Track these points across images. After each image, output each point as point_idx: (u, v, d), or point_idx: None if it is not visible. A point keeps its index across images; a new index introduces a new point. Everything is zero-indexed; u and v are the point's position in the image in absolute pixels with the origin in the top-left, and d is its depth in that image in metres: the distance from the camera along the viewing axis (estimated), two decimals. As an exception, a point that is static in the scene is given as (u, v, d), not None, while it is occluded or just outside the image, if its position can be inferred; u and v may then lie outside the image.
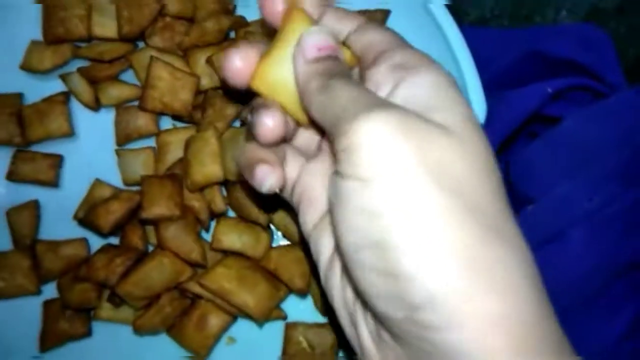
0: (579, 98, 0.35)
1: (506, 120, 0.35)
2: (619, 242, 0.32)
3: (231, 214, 0.38)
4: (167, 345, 0.38)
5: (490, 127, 0.36)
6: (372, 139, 0.19)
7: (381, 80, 0.23)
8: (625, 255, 0.32)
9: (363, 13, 0.38)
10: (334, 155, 0.21)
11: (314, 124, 0.25)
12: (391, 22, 0.39)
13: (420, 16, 0.37)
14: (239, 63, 0.25)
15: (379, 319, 0.21)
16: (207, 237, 0.38)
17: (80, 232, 0.39)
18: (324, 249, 0.25)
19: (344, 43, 0.26)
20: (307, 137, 0.29)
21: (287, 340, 0.37)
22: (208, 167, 0.35)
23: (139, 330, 0.36)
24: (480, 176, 0.20)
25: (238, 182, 0.36)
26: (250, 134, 0.26)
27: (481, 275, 0.19)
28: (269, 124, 0.25)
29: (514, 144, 0.37)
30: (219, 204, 0.37)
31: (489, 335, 0.19)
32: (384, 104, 0.21)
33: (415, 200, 0.19)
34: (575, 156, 0.33)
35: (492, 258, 0.19)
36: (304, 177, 0.27)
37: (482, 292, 0.19)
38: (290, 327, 0.37)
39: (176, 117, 0.40)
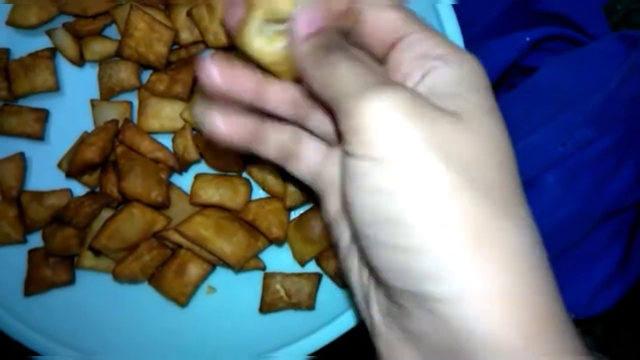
0: (558, 48, 0.35)
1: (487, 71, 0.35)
2: (591, 191, 0.32)
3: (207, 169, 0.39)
4: (148, 295, 0.38)
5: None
6: (381, 119, 0.20)
7: (409, 69, 0.23)
8: (599, 204, 0.32)
9: None
10: (340, 133, 0.22)
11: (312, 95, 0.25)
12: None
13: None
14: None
15: (390, 294, 0.22)
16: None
17: (65, 183, 0.39)
18: (344, 234, 0.26)
19: None
20: (328, 125, 0.28)
21: (265, 289, 0.37)
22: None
23: (118, 278, 0.37)
24: (489, 159, 0.20)
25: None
26: None
27: (488, 250, 0.19)
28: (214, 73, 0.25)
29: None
30: (192, 153, 0.37)
31: (494, 310, 0.19)
32: (390, 84, 0.21)
33: (426, 179, 0.19)
34: (550, 103, 0.32)
35: (499, 234, 0.19)
36: (327, 165, 0.28)
37: (488, 266, 0.19)
38: (268, 277, 0.38)
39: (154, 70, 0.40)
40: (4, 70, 0.40)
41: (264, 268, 0.38)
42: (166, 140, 0.39)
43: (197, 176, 0.38)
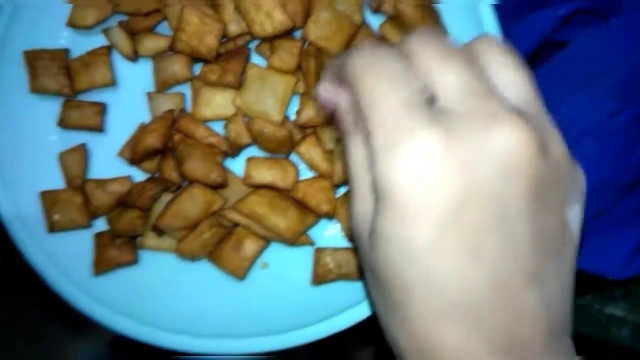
0: (588, 21, 0.36)
1: (519, 49, 0.37)
2: (620, 158, 0.33)
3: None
4: (208, 271, 0.41)
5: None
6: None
7: None
8: (627, 171, 0.34)
9: None
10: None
11: None
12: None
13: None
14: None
15: None
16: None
17: (125, 172, 0.42)
18: None
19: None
20: None
21: (316, 262, 0.40)
22: None
23: (180, 254, 0.40)
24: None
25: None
26: None
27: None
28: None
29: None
30: (244, 138, 0.40)
31: None
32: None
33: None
34: (580, 74, 0.34)
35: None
36: None
37: None
38: (318, 251, 0.40)
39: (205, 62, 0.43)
40: (65, 68, 0.43)
41: (313, 244, 0.41)
42: (218, 128, 0.42)
43: (249, 159, 0.40)
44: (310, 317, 0.39)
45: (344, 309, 0.38)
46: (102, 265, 0.40)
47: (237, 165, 0.42)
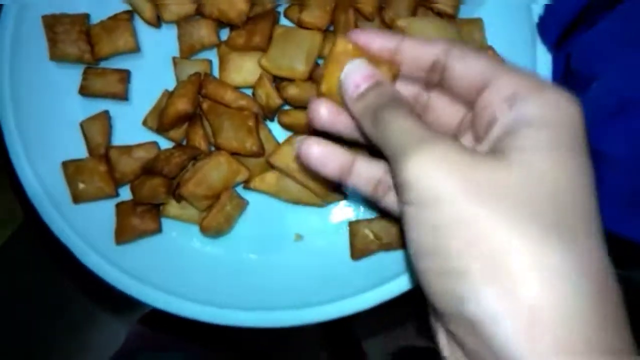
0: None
1: (564, 6, 0.35)
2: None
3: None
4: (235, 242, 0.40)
5: (548, 15, 0.36)
6: (419, 174, 0.22)
7: (495, 111, 0.24)
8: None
9: (461, 21, 0.39)
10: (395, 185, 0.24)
11: None
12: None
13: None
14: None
15: (444, 322, 0.23)
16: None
17: (151, 137, 0.41)
18: None
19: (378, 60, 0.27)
20: None
21: (354, 235, 0.38)
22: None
23: (207, 231, 0.38)
24: (532, 191, 0.21)
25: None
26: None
27: (526, 273, 0.20)
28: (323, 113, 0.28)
29: (572, 36, 0.37)
30: (275, 99, 0.38)
31: (532, 330, 0.20)
32: (430, 139, 0.23)
33: (458, 216, 0.21)
34: (632, 33, 0.32)
35: (535, 263, 0.20)
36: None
37: (523, 285, 0.20)
38: (353, 224, 0.38)
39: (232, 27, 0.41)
40: (85, 34, 0.41)
41: (345, 196, 0.39)
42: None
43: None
44: (348, 289, 0.37)
45: (383, 281, 0.37)
46: (125, 234, 0.39)
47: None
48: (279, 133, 0.40)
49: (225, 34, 0.41)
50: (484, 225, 0.21)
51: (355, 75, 0.26)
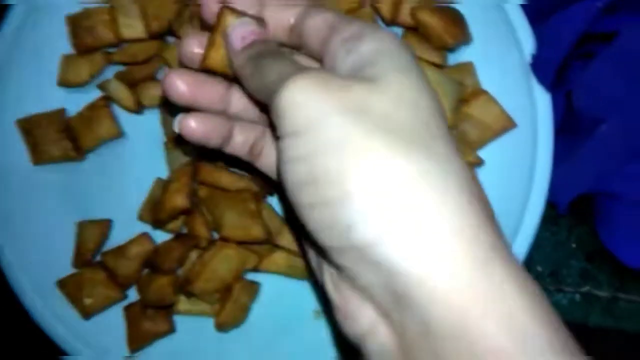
0: (636, 7, 0.33)
1: (555, 46, 0.34)
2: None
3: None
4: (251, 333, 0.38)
5: (541, 56, 0.35)
6: (294, 100, 0.22)
7: (336, 53, 0.25)
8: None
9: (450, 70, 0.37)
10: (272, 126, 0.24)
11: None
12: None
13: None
14: (196, 49, 0.29)
15: (331, 259, 0.22)
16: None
17: (140, 228, 0.39)
18: None
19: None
20: None
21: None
22: None
23: (223, 328, 0.37)
24: (401, 108, 0.22)
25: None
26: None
27: (402, 189, 0.20)
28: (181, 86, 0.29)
29: (571, 70, 0.36)
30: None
31: (420, 245, 0.20)
32: (304, 69, 0.23)
33: (335, 137, 0.21)
34: (636, 69, 0.31)
35: (414, 171, 0.21)
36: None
37: (403, 206, 0.20)
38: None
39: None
40: (65, 131, 0.39)
41: None
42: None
43: None
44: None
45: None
46: (138, 340, 0.37)
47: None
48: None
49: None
50: (362, 144, 0.21)
51: (242, 28, 0.27)
